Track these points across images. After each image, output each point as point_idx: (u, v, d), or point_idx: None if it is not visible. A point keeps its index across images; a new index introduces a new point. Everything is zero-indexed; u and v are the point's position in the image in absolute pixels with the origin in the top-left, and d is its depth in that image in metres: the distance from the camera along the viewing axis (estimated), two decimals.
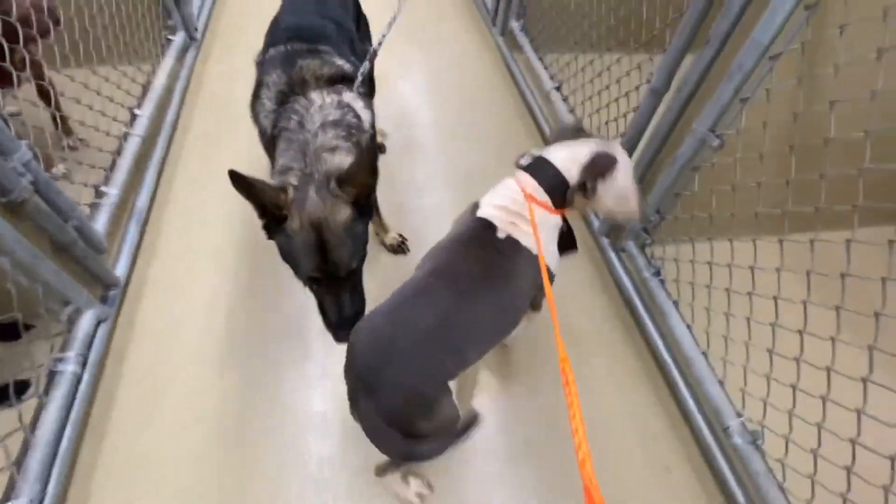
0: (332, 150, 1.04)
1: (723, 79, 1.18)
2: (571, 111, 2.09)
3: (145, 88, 1.96)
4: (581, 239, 1.90)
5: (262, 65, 1.26)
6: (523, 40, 2.46)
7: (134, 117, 1.83)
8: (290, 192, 0.96)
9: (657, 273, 1.56)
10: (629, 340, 1.63)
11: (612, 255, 1.74)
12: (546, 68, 2.29)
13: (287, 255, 1.00)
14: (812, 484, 1.08)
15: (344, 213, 0.98)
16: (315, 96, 1.10)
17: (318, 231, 0.96)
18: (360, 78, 1.19)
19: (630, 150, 1.63)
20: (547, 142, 1.16)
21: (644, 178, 1.53)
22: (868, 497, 0.98)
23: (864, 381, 0.96)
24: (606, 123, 1.83)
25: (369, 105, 1.22)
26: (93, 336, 1.34)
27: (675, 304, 1.50)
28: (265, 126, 1.18)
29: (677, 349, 1.47)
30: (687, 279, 1.46)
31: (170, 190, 1.90)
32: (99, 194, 1.55)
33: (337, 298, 1.03)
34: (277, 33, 1.33)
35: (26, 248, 1.10)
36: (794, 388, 1.13)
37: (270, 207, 0.95)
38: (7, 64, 1.35)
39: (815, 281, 1.06)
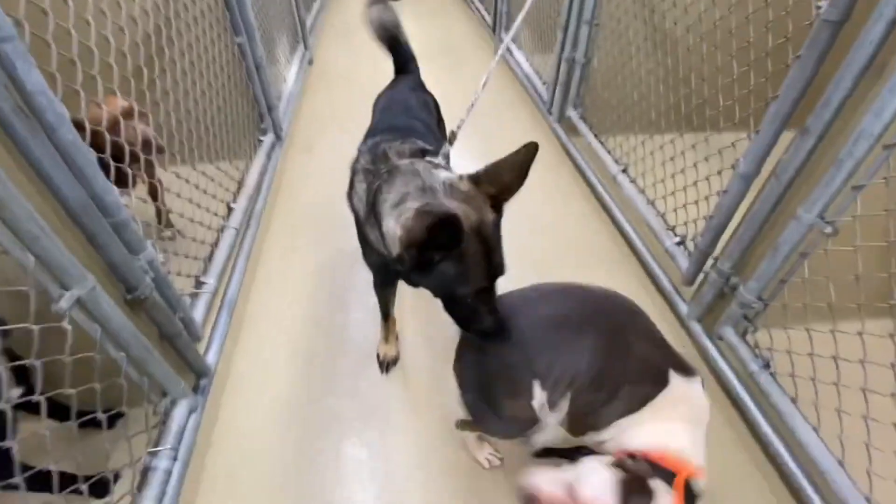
0: (434, 168, 1.00)
1: (824, 164, 1.15)
2: (642, 192, 2.09)
3: (240, 184, 2.14)
4: (667, 325, 1.83)
5: (355, 161, 1.29)
6: (583, 127, 2.55)
7: (230, 210, 1.98)
8: (426, 210, 0.88)
9: (766, 365, 1.42)
10: (742, 445, 1.46)
11: (708, 343, 1.63)
12: (609, 152, 2.34)
13: (450, 281, 0.92)
14: None
15: (489, 212, 0.91)
16: (400, 162, 1.05)
17: (480, 237, 0.90)
18: (441, 158, 1.20)
19: (718, 232, 1.58)
20: None
21: (742, 261, 1.46)
22: None
23: None
24: (685, 206, 1.81)
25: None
26: (184, 427, 1.34)
27: (793, 401, 1.35)
28: (359, 209, 1.16)
29: (804, 456, 1.29)
30: (805, 374, 1.33)
31: (252, 280, 2.00)
32: (198, 284, 1.64)
33: (493, 303, 0.97)
34: (371, 133, 1.43)
35: (141, 343, 1.15)
36: None
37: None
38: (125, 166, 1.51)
39: None
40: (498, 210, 0.95)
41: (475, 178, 0.95)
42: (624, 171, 2.20)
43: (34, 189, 0.93)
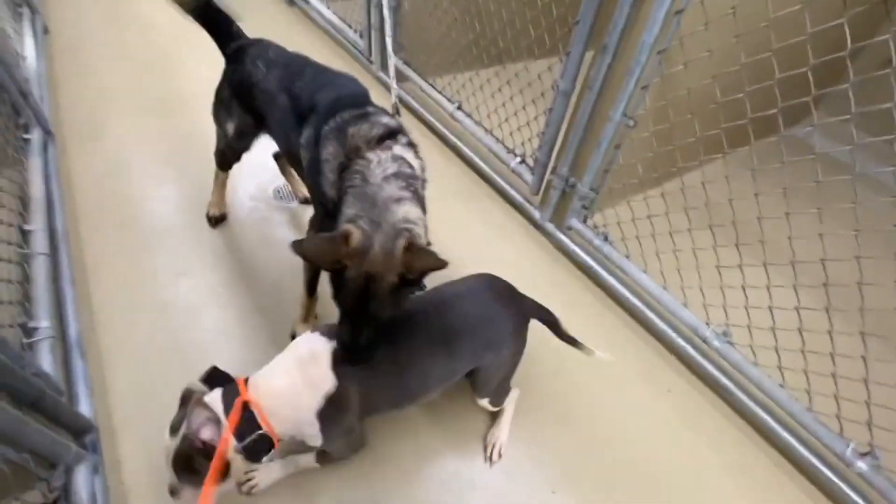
0: (398, 200, 1.07)
1: (620, 73, 1.51)
2: (479, 124, 2.32)
3: (22, 199, 1.64)
4: (525, 231, 2.16)
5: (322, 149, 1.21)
6: (409, 73, 2.64)
7: (25, 234, 1.53)
8: (357, 236, 1.00)
9: (605, 238, 1.85)
10: (601, 304, 1.90)
11: (562, 236, 2.01)
12: (440, 92, 2.50)
13: (335, 284, 1.05)
14: (777, 353, 1.43)
15: (393, 278, 1.00)
16: (371, 156, 1.15)
17: (369, 283, 1.00)
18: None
19: (551, 145, 1.91)
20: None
21: (575, 162, 1.81)
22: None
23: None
24: (519, 129, 2.10)
25: (417, 153, 1.24)
26: (94, 492, 1.11)
27: (628, 257, 1.81)
28: (332, 196, 1.20)
29: (640, 292, 1.78)
30: (631, 236, 1.78)
31: (90, 309, 1.63)
32: (28, 332, 1.28)
33: (356, 329, 1.06)
34: (315, 112, 1.27)
35: (9, 415, 0.90)
36: (743, 287, 1.48)
37: (330, 266, 1.01)
38: None
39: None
40: (411, 282, 1.03)
41: (409, 248, 1.01)
42: (459, 107, 2.39)
43: None
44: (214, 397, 1.06)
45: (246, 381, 1.08)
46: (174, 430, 1.02)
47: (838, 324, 1.29)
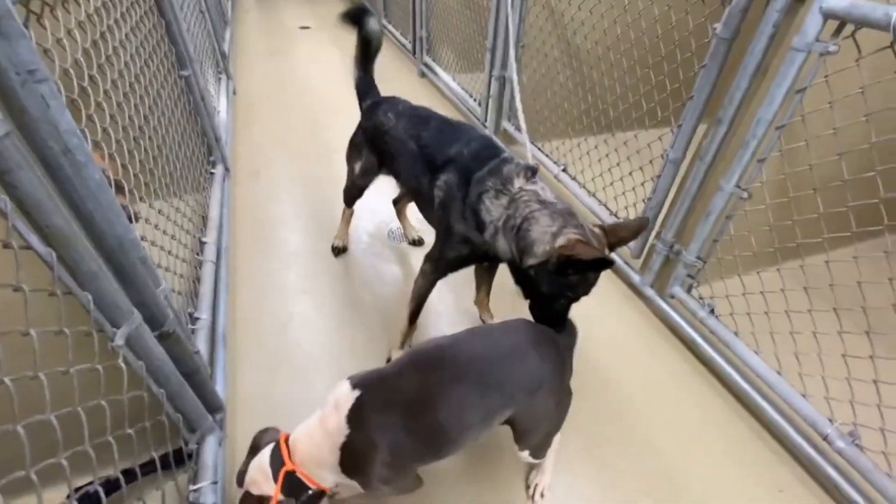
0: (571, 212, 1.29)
1: (734, 146, 1.52)
2: (582, 186, 2.40)
3: (204, 218, 2.08)
4: (622, 294, 2.14)
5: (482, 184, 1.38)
6: (519, 136, 2.85)
7: (202, 244, 1.93)
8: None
9: (712, 311, 1.76)
10: (703, 380, 1.78)
11: (663, 304, 1.95)
12: (547, 155, 2.65)
13: (564, 289, 1.23)
14: None
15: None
16: (533, 186, 1.34)
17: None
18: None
19: (657, 210, 1.92)
20: None
21: (681, 229, 1.80)
22: None
23: None
24: (624, 193, 2.15)
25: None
26: (217, 461, 1.31)
27: (736, 334, 1.69)
28: (486, 218, 1.36)
29: (749, 374, 1.64)
30: (741, 311, 1.68)
31: (234, 312, 1.95)
32: (193, 320, 1.59)
33: (565, 310, 1.31)
34: (458, 164, 1.46)
35: (177, 378, 1.14)
36: (875, 383, 1.31)
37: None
38: None
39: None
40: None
41: (604, 230, 1.29)
42: (564, 170, 2.51)
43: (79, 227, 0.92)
44: (264, 459, 1.10)
45: (287, 439, 1.12)
46: (239, 481, 1.13)
47: None
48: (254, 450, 1.16)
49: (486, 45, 2.83)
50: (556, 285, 1.23)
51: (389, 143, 1.71)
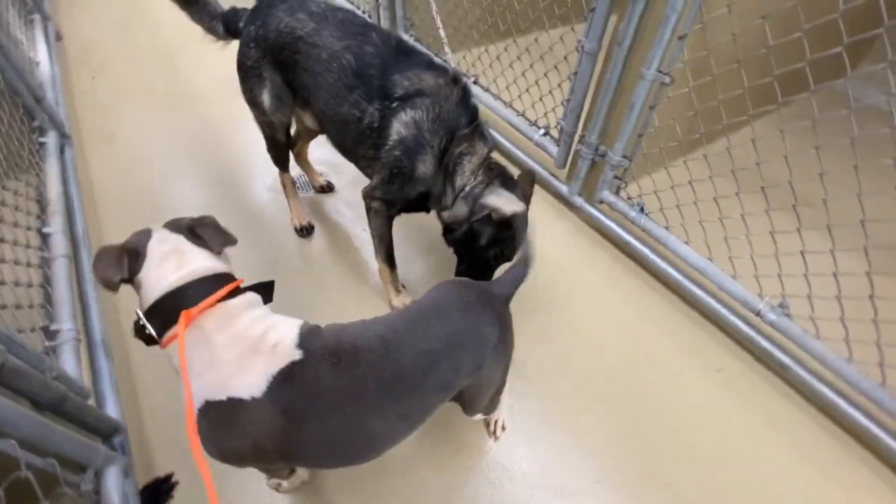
0: None
1: (653, 25, 1.36)
2: (497, 97, 2.20)
3: (41, 203, 1.63)
4: (552, 207, 2.05)
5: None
6: (421, 48, 2.51)
7: (45, 237, 1.52)
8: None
9: (641, 209, 1.72)
10: (639, 279, 1.78)
11: (593, 210, 1.88)
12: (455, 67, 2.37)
13: (493, 243, 1.34)
14: (844, 324, 1.29)
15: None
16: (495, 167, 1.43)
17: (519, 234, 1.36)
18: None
19: (577, 112, 1.78)
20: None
21: (605, 129, 1.68)
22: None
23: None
24: (541, 99, 1.97)
25: None
26: (126, 495, 1.09)
27: (667, 228, 1.67)
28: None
29: (683, 266, 1.64)
30: (671, 205, 1.64)
31: (115, 308, 1.61)
32: (50, 335, 1.26)
33: (492, 271, 1.43)
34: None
35: (31, 419, 0.87)
36: (802, 254, 1.33)
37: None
38: None
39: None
40: None
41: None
42: (475, 81, 2.27)
43: None
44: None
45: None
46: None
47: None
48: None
49: None
50: (483, 245, 1.33)
51: (307, 54, 1.36)
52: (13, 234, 1.37)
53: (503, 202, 1.31)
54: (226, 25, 1.54)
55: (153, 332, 0.84)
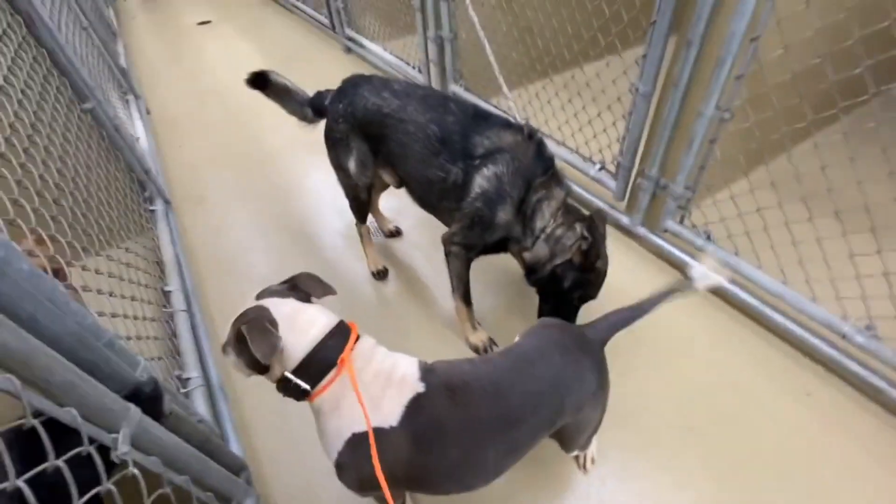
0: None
1: (709, 66, 1.45)
2: (549, 136, 2.31)
3: (158, 264, 1.86)
4: (615, 238, 2.11)
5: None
6: (471, 98, 2.70)
7: (167, 294, 1.72)
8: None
9: (708, 237, 1.76)
10: (712, 306, 1.80)
11: (657, 239, 1.93)
12: (506, 112, 2.52)
13: (577, 285, 1.45)
14: None
15: None
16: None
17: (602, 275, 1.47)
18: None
19: (634, 147, 1.86)
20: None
21: (664, 163, 1.75)
22: None
23: None
24: (595, 136, 2.07)
25: None
26: None
27: (737, 254, 1.70)
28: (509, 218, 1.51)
29: (757, 291, 1.66)
30: (738, 232, 1.68)
31: (222, 357, 1.78)
32: (183, 382, 1.43)
33: (576, 310, 1.52)
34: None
35: (197, 458, 1.01)
36: (886, 276, 1.33)
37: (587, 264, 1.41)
38: None
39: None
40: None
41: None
42: (526, 122, 2.40)
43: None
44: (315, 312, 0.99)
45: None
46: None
47: None
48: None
49: (413, 4, 2.62)
50: (574, 282, 1.44)
51: (395, 128, 1.55)
52: (143, 294, 1.57)
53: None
54: (314, 109, 1.75)
55: (306, 387, 0.94)
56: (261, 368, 0.97)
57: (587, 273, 1.42)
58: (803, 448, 1.40)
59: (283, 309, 0.97)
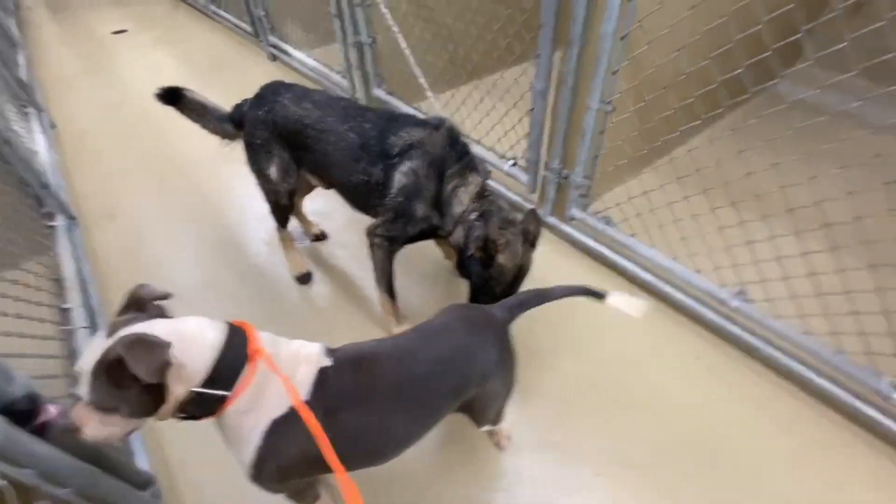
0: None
1: (591, 64, 1.58)
2: (467, 136, 2.40)
3: (58, 281, 1.76)
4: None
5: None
6: (393, 101, 2.76)
7: (65, 311, 1.64)
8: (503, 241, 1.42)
9: (608, 221, 1.90)
10: (617, 284, 1.94)
11: (566, 227, 2.06)
12: (426, 114, 2.60)
13: (484, 278, 1.47)
14: (795, 301, 1.45)
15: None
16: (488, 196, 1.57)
17: (518, 271, 1.48)
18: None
19: (538, 142, 1.98)
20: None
21: (565, 155, 1.88)
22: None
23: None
24: (506, 134, 2.18)
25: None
26: None
27: (633, 236, 1.84)
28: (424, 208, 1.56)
29: (651, 267, 1.81)
30: (632, 214, 1.83)
31: None
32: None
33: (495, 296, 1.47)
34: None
35: (82, 468, 0.97)
36: (749, 244, 1.50)
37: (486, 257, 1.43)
38: None
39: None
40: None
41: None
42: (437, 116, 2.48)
43: None
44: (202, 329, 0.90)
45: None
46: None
47: (848, 261, 1.31)
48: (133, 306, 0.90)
49: (331, 10, 2.65)
50: (479, 276, 1.48)
51: (317, 138, 1.57)
52: (36, 312, 1.49)
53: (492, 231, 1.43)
54: (234, 123, 1.73)
55: (224, 393, 0.86)
56: (149, 405, 0.82)
57: (488, 268, 1.46)
58: (695, 404, 1.54)
59: (159, 328, 0.83)
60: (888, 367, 1.30)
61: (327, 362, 0.97)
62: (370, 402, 0.98)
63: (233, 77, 3.61)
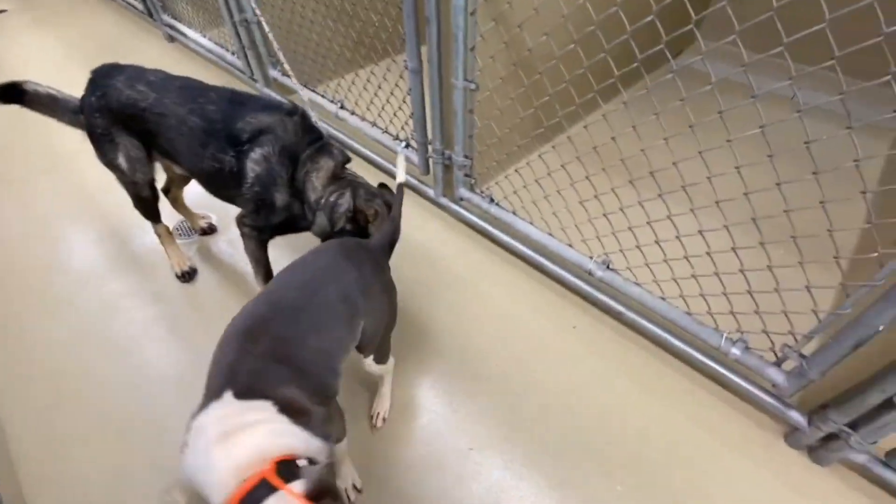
0: None
1: (450, 41, 1.57)
2: (363, 118, 2.36)
3: None
4: (425, 209, 2.22)
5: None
6: (291, 83, 2.64)
7: None
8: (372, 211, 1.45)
9: (492, 200, 1.92)
10: (500, 259, 1.98)
11: (456, 207, 2.07)
12: (322, 96, 2.52)
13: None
14: (649, 268, 1.53)
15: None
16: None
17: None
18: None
19: (422, 123, 1.97)
20: None
21: (444, 135, 1.88)
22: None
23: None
24: (395, 114, 2.15)
25: None
26: None
27: (514, 213, 1.88)
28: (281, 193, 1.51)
29: (531, 242, 1.86)
30: (510, 191, 1.86)
31: None
32: None
33: None
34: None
35: None
36: (605, 216, 1.57)
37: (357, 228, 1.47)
38: None
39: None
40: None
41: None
42: (342, 106, 2.42)
43: None
44: None
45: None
46: None
47: (706, 223, 1.36)
48: None
49: None
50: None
51: (155, 122, 1.48)
52: None
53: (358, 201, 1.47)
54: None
55: None
56: None
57: (363, 236, 1.46)
58: (574, 371, 1.61)
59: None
60: (728, 324, 1.41)
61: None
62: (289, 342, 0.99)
63: (129, 59, 3.32)
